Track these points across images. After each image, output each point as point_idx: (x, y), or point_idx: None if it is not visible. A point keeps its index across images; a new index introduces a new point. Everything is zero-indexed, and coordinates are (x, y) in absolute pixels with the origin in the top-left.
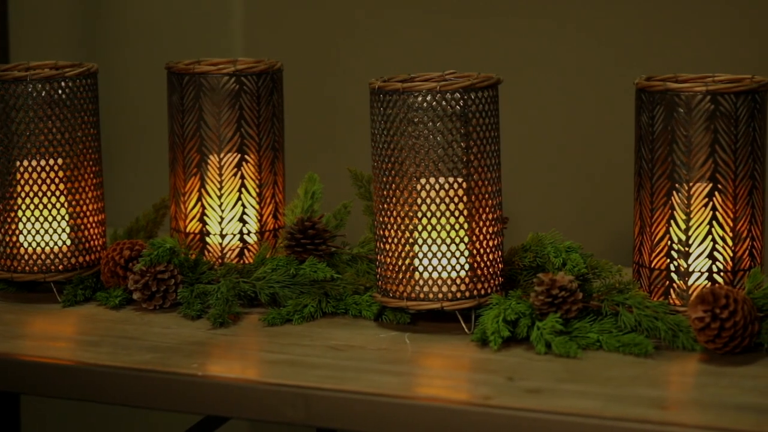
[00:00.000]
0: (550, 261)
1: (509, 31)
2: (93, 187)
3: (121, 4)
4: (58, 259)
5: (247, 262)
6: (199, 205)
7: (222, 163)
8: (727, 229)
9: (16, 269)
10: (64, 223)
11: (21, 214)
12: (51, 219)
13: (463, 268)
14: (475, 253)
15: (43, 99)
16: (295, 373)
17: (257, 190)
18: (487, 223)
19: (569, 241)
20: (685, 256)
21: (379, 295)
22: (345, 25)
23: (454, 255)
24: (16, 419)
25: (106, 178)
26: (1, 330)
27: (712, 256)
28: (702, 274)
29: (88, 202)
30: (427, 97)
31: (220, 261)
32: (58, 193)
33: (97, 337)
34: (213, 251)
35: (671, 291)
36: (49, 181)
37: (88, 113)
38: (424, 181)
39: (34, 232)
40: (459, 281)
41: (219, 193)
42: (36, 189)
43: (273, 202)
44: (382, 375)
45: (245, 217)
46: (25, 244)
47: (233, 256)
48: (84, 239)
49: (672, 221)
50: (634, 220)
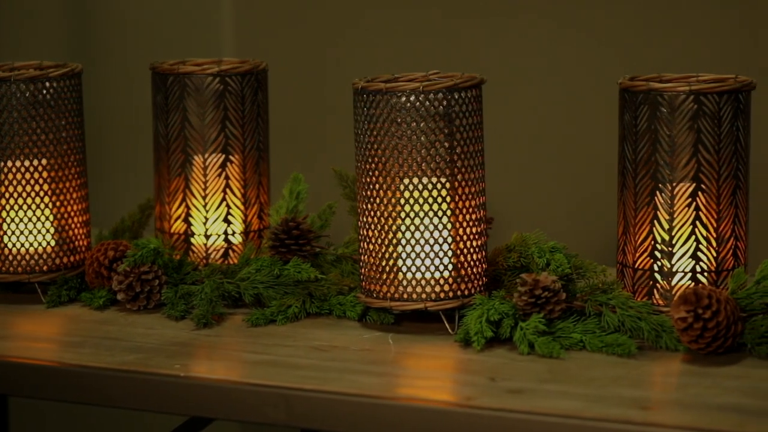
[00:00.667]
0: (534, 261)
1: (494, 31)
2: (77, 187)
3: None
4: (42, 260)
5: (231, 262)
6: (183, 205)
7: (206, 164)
8: (711, 229)
9: (0, 270)
10: (49, 224)
11: (5, 214)
12: (35, 219)
13: (446, 268)
14: (458, 253)
15: (27, 99)
16: (277, 374)
17: (242, 190)
18: (471, 224)
19: (553, 241)
20: (669, 256)
21: (362, 296)
22: (331, 26)
23: (437, 255)
24: (4, 419)
25: (93, 178)
26: None
27: (695, 257)
28: (686, 274)
29: (72, 202)
30: (411, 98)
31: (204, 261)
32: (42, 194)
33: (80, 338)
34: (198, 252)
35: (655, 291)
36: (33, 182)
37: (73, 114)
38: (407, 181)
39: (18, 233)
40: (443, 281)
41: (203, 194)
42: (20, 190)
43: (258, 203)
44: (365, 375)
45: (230, 217)
46: (9, 245)
47: (218, 257)
48: (68, 240)
49: (655, 221)
50: (617, 220)
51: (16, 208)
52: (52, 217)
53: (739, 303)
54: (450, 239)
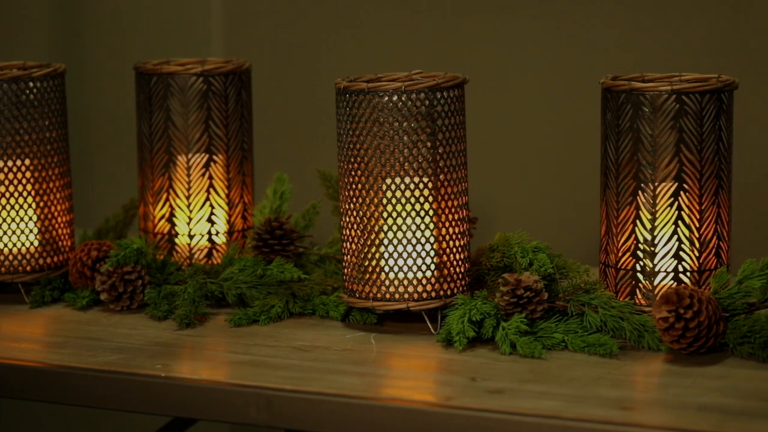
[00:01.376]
0: (517, 261)
1: (477, 30)
2: (61, 187)
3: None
4: (26, 260)
5: (215, 262)
6: (167, 205)
7: (190, 164)
8: (693, 229)
9: None
10: (32, 224)
11: None
12: (19, 220)
13: (429, 268)
14: (441, 253)
15: (9, 99)
16: (259, 374)
17: (225, 190)
18: (454, 223)
19: (536, 241)
20: (651, 256)
21: (345, 296)
22: (316, 26)
23: (420, 255)
24: None
25: (77, 178)
26: None
27: (677, 256)
28: (668, 274)
29: (56, 202)
30: (393, 97)
31: (188, 261)
32: (26, 194)
33: (62, 339)
34: (181, 252)
35: (637, 291)
36: (16, 182)
37: (56, 114)
38: (389, 181)
39: (1, 233)
40: (425, 281)
41: (187, 194)
42: (3, 190)
43: (241, 203)
44: (346, 376)
45: (213, 217)
46: None
47: (201, 257)
48: (52, 240)
49: (638, 221)
50: (600, 220)
51: None
52: (35, 218)
53: (721, 303)
54: (432, 239)
